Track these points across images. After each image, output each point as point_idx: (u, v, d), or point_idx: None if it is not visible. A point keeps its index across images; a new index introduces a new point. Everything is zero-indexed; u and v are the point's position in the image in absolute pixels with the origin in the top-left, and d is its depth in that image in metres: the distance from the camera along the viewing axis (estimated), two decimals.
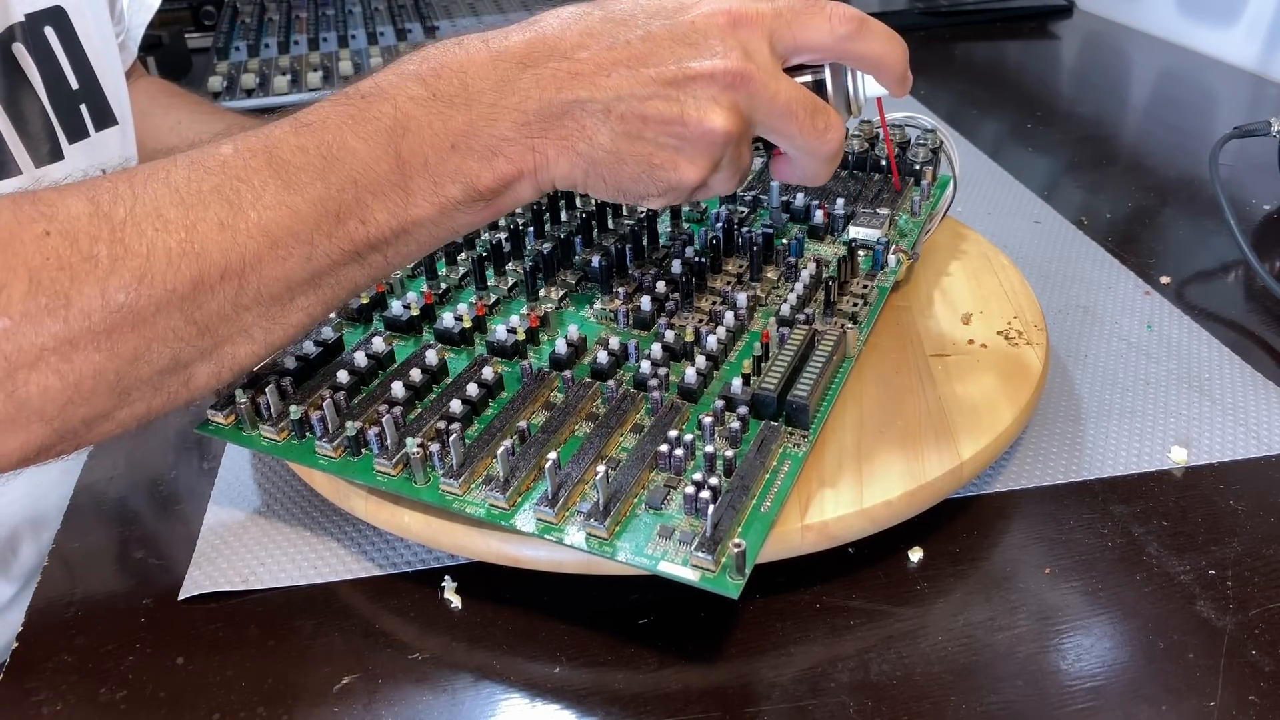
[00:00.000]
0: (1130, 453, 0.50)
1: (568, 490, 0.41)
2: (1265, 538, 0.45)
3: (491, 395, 0.47)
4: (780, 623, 0.42)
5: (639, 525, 0.40)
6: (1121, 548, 0.45)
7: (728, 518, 0.39)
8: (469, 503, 0.42)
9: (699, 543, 0.38)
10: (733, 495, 0.40)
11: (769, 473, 0.42)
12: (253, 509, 0.50)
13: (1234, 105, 0.99)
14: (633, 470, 0.42)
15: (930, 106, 0.95)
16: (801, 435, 0.44)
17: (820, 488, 0.43)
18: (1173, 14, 1.11)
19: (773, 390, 0.44)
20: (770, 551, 0.41)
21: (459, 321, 0.51)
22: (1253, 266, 0.62)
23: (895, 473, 0.44)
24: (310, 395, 0.46)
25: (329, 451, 0.44)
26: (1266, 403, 0.54)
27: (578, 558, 0.41)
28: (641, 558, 0.39)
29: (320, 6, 1.32)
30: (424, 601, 0.44)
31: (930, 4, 1.24)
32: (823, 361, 0.46)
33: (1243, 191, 0.76)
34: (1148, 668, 0.40)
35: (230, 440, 0.46)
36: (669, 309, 0.52)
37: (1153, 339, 0.59)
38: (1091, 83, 1.06)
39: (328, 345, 0.49)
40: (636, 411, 0.46)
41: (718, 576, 0.37)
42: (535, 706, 0.39)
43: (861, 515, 0.42)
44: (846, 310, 0.51)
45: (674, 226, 0.60)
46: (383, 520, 0.44)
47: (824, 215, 0.58)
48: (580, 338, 0.49)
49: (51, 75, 0.59)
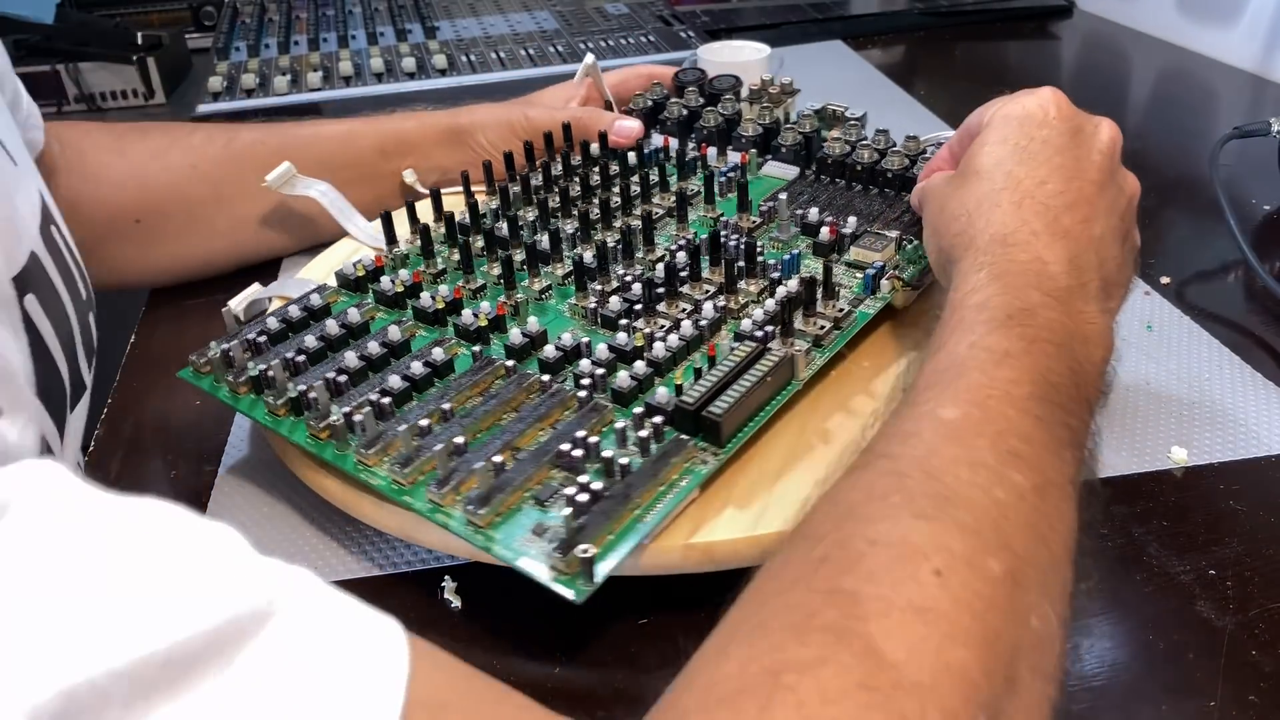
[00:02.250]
0: (1130, 453, 0.50)
1: (462, 475, 0.41)
2: (1265, 538, 0.45)
3: (439, 375, 0.48)
4: None
5: (521, 519, 0.41)
6: (1121, 548, 0.45)
7: (596, 523, 0.39)
8: (374, 474, 0.43)
9: (556, 543, 0.38)
10: (610, 502, 0.40)
11: (664, 485, 0.42)
12: (253, 509, 0.49)
13: (1234, 105, 0.99)
14: (530, 465, 0.42)
15: (930, 107, 0.95)
16: (712, 452, 0.43)
17: (723, 508, 0.43)
18: (1173, 14, 1.11)
19: (691, 403, 0.43)
20: (650, 566, 0.41)
21: (433, 301, 0.52)
22: (1253, 266, 0.62)
23: (805, 502, 0.41)
24: (276, 357, 0.49)
25: (275, 407, 0.46)
26: (1266, 403, 0.54)
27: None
28: (507, 550, 0.39)
29: (320, 6, 1.32)
30: (424, 601, 0.44)
31: (930, 4, 1.24)
32: (753, 381, 0.45)
33: (1243, 191, 0.76)
34: (1148, 668, 0.40)
35: (205, 389, 0.49)
36: (636, 311, 0.51)
37: (1153, 339, 0.59)
38: (1091, 83, 1.06)
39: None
40: (565, 409, 0.46)
41: (571, 578, 0.38)
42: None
43: (752, 542, 0.41)
44: (810, 332, 0.49)
45: (679, 231, 0.60)
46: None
47: (831, 233, 0.56)
48: (541, 330, 0.50)
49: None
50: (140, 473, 0.54)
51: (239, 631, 0.22)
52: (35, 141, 0.61)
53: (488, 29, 1.22)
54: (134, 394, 0.61)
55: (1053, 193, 0.43)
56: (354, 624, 0.25)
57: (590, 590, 0.37)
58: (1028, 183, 0.43)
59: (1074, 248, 0.41)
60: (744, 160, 0.65)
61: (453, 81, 1.07)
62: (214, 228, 0.68)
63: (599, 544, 0.39)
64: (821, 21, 1.22)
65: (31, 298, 0.42)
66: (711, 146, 0.68)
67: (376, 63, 1.11)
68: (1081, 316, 0.40)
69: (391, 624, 0.25)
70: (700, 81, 0.73)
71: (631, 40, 1.15)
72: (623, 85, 0.75)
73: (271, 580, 0.24)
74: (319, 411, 0.45)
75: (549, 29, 1.21)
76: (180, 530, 0.25)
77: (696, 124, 0.69)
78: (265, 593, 0.24)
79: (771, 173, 0.65)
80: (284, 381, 0.47)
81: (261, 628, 0.23)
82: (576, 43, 1.15)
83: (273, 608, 0.23)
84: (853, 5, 1.30)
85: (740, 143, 0.67)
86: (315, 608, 0.24)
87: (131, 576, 0.22)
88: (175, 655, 0.21)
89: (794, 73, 0.75)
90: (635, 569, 0.41)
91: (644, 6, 1.27)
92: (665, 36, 1.15)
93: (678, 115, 0.70)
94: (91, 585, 0.22)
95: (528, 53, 1.13)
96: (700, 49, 0.96)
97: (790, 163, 0.65)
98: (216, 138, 0.69)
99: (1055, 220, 0.42)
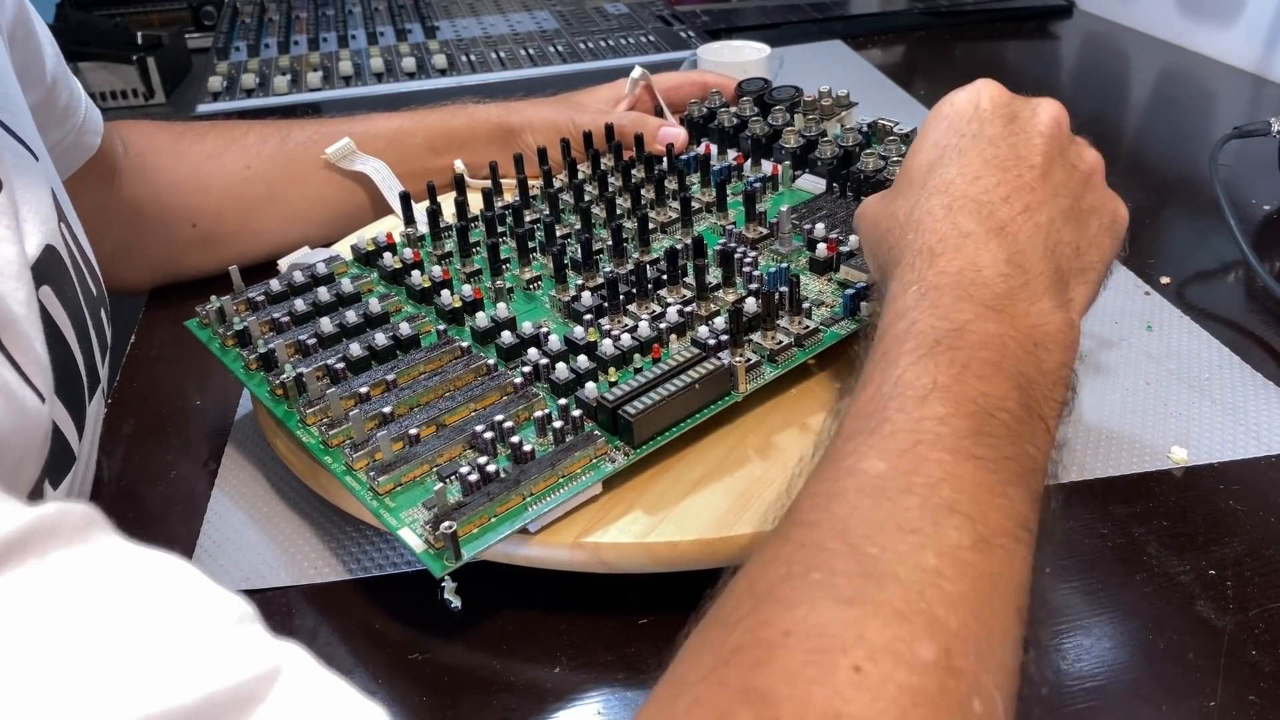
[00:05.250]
0: (1130, 453, 0.50)
1: (378, 444, 0.43)
2: (1265, 538, 0.45)
3: (401, 349, 0.50)
4: None
5: (420, 492, 0.42)
6: (1121, 548, 0.45)
7: (477, 503, 0.40)
8: (308, 431, 0.46)
9: (433, 518, 0.39)
10: (500, 486, 0.41)
11: (563, 477, 0.42)
12: (253, 509, 0.50)
13: (1234, 105, 0.99)
14: (442, 442, 0.44)
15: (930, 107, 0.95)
16: (624, 451, 0.43)
17: (627, 511, 0.42)
18: (1173, 14, 1.11)
19: (610, 400, 0.43)
20: (536, 558, 0.42)
21: (421, 280, 0.54)
22: (1253, 266, 0.62)
23: (710, 517, 0.42)
24: (267, 317, 0.52)
25: (249, 362, 0.50)
26: (1266, 403, 0.54)
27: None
28: (393, 519, 0.41)
29: (320, 6, 1.32)
30: (424, 601, 0.44)
31: (930, 4, 1.24)
32: (679, 386, 0.44)
33: (1243, 191, 0.76)
34: (1148, 668, 0.40)
35: (203, 341, 0.53)
36: (604, 309, 0.51)
37: (1153, 339, 0.59)
38: (1091, 83, 1.06)
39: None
40: (503, 393, 0.47)
41: (439, 553, 0.39)
42: (535, 707, 0.39)
43: (643, 549, 0.41)
44: (766, 346, 0.48)
45: (684, 232, 0.59)
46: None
47: (829, 249, 0.54)
48: (510, 317, 0.51)
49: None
50: (140, 472, 0.54)
51: (239, 700, 0.22)
52: (90, 145, 0.62)
53: (488, 29, 1.22)
54: (134, 393, 0.61)
55: (987, 188, 0.39)
56: (342, 706, 0.24)
57: (451, 565, 0.39)
58: (959, 183, 0.40)
59: (1013, 243, 0.38)
60: (774, 172, 0.64)
61: (453, 81, 1.07)
62: (266, 226, 0.69)
63: (479, 525, 0.40)
64: (821, 21, 1.22)
65: (47, 289, 0.42)
66: (749, 157, 0.67)
67: (376, 63, 1.11)
68: (1028, 319, 0.36)
69: (376, 709, 0.24)
70: (762, 91, 0.72)
71: (631, 40, 1.15)
72: (675, 91, 0.75)
73: (267, 660, 0.24)
74: (279, 369, 0.48)
75: (549, 29, 1.21)
76: (186, 598, 0.24)
77: (742, 134, 0.68)
78: (266, 663, 0.23)
79: (804, 186, 0.65)
80: (258, 337, 0.51)
81: (260, 699, 0.22)
82: (576, 43, 1.15)
83: (263, 693, 0.23)
84: (853, 5, 1.30)
85: (780, 154, 0.66)
86: (307, 689, 0.24)
87: (132, 633, 0.22)
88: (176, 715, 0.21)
89: (794, 73, 0.75)
90: (517, 557, 0.42)
91: (644, 6, 1.27)
92: (665, 36, 1.15)
93: (728, 124, 0.69)
94: (94, 637, 0.22)
95: (528, 53, 1.13)
96: (700, 49, 0.96)
97: (824, 177, 0.64)
98: (270, 137, 0.70)
99: (989, 216, 0.38)
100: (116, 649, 0.22)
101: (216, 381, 0.60)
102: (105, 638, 0.22)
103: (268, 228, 0.69)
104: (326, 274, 0.56)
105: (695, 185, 0.64)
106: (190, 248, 0.68)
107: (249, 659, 0.23)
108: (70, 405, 0.43)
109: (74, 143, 0.60)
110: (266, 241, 0.69)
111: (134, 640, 0.22)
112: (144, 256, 0.67)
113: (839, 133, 0.66)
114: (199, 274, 0.69)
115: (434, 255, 0.59)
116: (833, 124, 0.68)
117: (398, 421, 0.45)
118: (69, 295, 0.45)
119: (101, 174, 0.64)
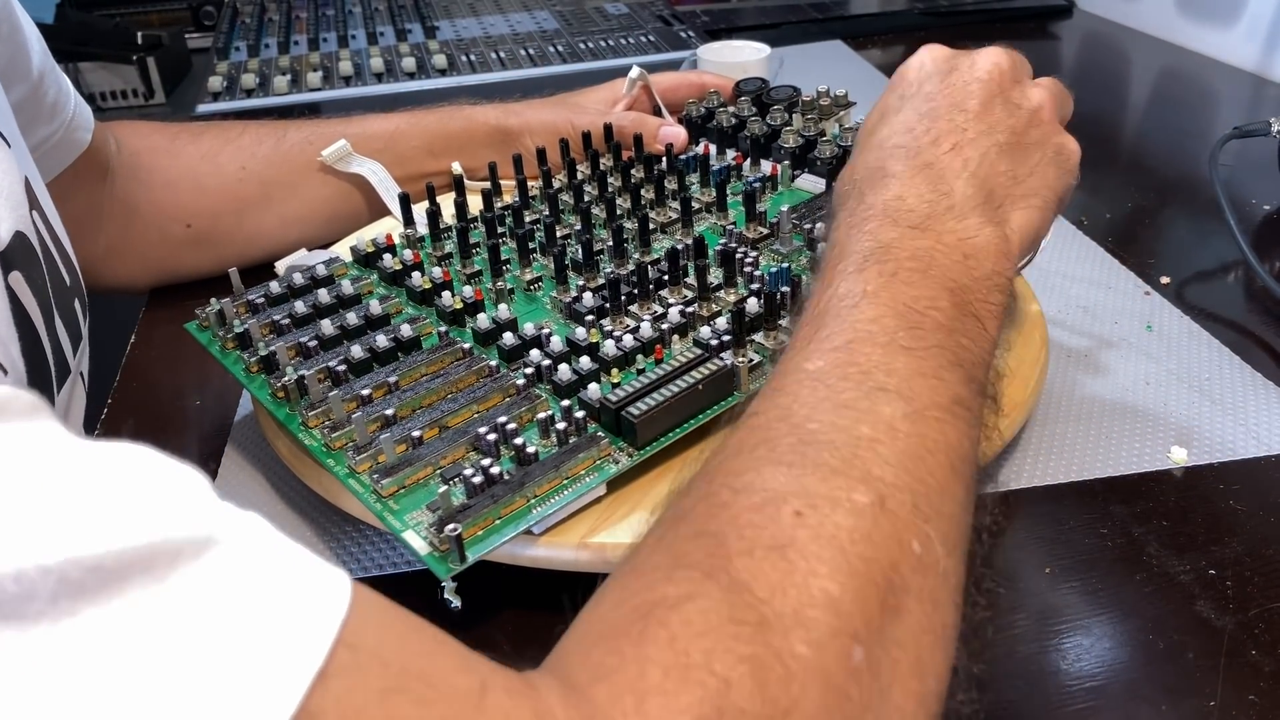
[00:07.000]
0: (1130, 453, 0.50)
1: (381, 447, 0.43)
2: (1265, 538, 0.45)
3: (403, 350, 0.49)
4: None
5: (424, 494, 0.42)
6: (1121, 548, 0.45)
7: (483, 506, 0.40)
8: (310, 434, 0.45)
9: (437, 520, 0.39)
10: (504, 488, 0.41)
11: (567, 479, 0.42)
12: (253, 509, 0.49)
13: (1234, 105, 0.99)
14: (446, 444, 0.43)
15: None
16: (627, 453, 0.43)
17: (631, 512, 0.42)
18: (1173, 14, 1.11)
19: (614, 402, 0.43)
20: (543, 560, 0.42)
21: (421, 281, 0.54)
22: (1253, 266, 0.62)
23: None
24: (267, 319, 0.51)
25: (249, 364, 0.49)
26: (1266, 403, 0.54)
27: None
28: (397, 522, 0.41)
29: (320, 6, 1.32)
30: (424, 601, 0.44)
31: (930, 4, 1.24)
32: (683, 387, 0.44)
33: (1243, 191, 0.76)
34: (1148, 668, 0.40)
35: (203, 344, 0.52)
36: (606, 309, 0.51)
37: (1153, 339, 0.59)
38: (1091, 83, 1.06)
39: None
40: (506, 395, 0.46)
41: (443, 556, 0.39)
42: None
43: None
44: (769, 347, 0.48)
45: (684, 233, 0.59)
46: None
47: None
48: (511, 318, 0.51)
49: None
50: None
51: (176, 553, 0.22)
52: (80, 141, 0.62)
53: (488, 29, 1.22)
54: (134, 394, 0.61)
55: (917, 135, 0.43)
56: (297, 566, 0.25)
57: (458, 568, 0.38)
58: (894, 137, 0.43)
59: (938, 176, 0.41)
60: (774, 172, 0.64)
61: (453, 81, 1.07)
62: (262, 227, 0.69)
63: (483, 527, 0.40)
64: (821, 21, 1.22)
65: (17, 275, 0.43)
66: (749, 157, 0.67)
67: (376, 63, 1.11)
68: (955, 235, 0.39)
69: (339, 573, 0.25)
70: (760, 91, 0.72)
71: (631, 40, 1.15)
72: (673, 92, 0.75)
73: (221, 516, 0.24)
74: (280, 372, 0.48)
75: (549, 29, 1.21)
76: (138, 459, 0.25)
77: (740, 133, 0.68)
78: (211, 525, 0.24)
79: (803, 186, 0.65)
80: (259, 340, 0.50)
81: (201, 554, 0.23)
82: (576, 43, 1.15)
83: (216, 539, 0.23)
84: (853, 5, 1.30)
85: (779, 154, 0.66)
86: (260, 546, 0.24)
87: (74, 485, 0.22)
88: (107, 562, 0.21)
89: (794, 73, 0.75)
90: (522, 559, 0.42)
91: (644, 6, 1.27)
92: (665, 36, 1.15)
93: (726, 124, 0.69)
94: (33, 485, 0.22)
95: (528, 53, 1.13)
96: (700, 49, 0.96)
97: (824, 176, 0.64)
98: (266, 138, 0.69)
99: (915, 157, 0.42)
100: (59, 489, 0.22)
101: (216, 382, 0.60)
102: (41, 485, 0.22)
103: (264, 228, 0.69)
104: (326, 276, 0.56)
105: (695, 185, 0.64)
106: (185, 248, 0.68)
107: (192, 515, 0.24)
108: (38, 391, 0.43)
109: (63, 139, 0.60)
110: (263, 242, 0.68)
111: (75, 484, 0.23)
112: (139, 255, 0.67)
113: (838, 132, 0.66)
114: (195, 274, 0.69)
115: (434, 257, 0.59)
116: (831, 124, 0.68)
117: (400, 424, 0.45)
118: (38, 283, 0.45)
119: (93, 172, 0.64)
